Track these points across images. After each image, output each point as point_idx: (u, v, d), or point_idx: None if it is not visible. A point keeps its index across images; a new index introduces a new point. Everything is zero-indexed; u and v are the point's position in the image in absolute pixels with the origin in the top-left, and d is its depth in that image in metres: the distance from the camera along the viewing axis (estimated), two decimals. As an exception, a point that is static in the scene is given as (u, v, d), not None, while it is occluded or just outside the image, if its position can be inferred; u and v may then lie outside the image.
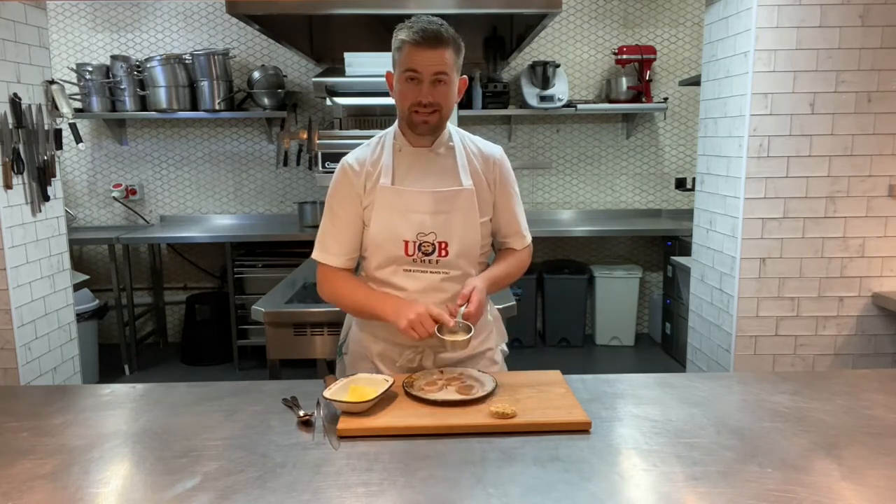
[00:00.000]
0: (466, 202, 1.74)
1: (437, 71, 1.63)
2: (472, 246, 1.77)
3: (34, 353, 2.97)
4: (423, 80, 1.63)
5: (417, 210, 1.72)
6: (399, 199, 1.73)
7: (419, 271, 1.76)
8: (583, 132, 5.18)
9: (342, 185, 1.77)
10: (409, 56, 1.63)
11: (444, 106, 1.68)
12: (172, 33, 4.99)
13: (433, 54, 1.62)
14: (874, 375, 1.81)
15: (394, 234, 1.73)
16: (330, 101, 3.57)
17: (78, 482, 1.25)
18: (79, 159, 5.11)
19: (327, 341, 2.48)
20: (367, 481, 1.23)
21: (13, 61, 2.84)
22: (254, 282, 4.62)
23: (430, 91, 1.64)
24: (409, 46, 1.63)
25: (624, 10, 5.03)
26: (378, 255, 1.77)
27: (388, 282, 1.78)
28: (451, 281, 1.76)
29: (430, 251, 1.74)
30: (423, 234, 1.73)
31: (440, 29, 1.63)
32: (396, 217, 1.72)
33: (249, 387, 1.72)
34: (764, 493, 1.18)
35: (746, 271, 2.87)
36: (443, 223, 1.73)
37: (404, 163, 1.76)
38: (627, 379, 1.75)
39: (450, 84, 1.66)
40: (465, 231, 1.74)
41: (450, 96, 1.68)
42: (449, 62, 1.64)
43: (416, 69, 1.63)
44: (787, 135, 2.77)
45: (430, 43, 1.61)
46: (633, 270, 5.04)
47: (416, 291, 1.75)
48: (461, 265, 1.77)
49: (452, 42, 1.64)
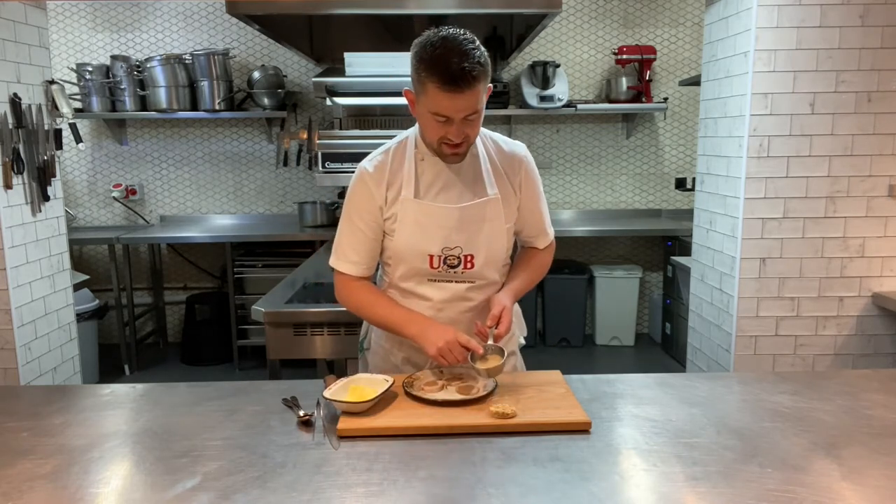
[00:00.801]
0: (493, 212, 1.70)
1: (468, 114, 1.53)
2: (499, 254, 1.75)
3: (34, 353, 2.97)
4: (454, 121, 1.54)
5: (443, 225, 1.67)
6: (423, 213, 1.67)
7: (444, 281, 1.73)
8: (583, 132, 5.18)
9: (361, 193, 1.70)
10: (435, 99, 1.51)
11: (474, 135, 1.61)
12: (172, 33, 4.99)
13: (463, 99, 1.49)
14: (874, 375, 1.81)
15: (419, 249, 1.69)
16: (330, 101, 3.58)
17: (78, 482, 1.25)
18: (79, 159, 5.12)
19: (327, 341, 2.48)
20: (367, 481, 1.23)
21: (13, 61, 2.84)
22: (254, 282, 4.62)
23: (460, 131, 1.55)
24: (434, 89, 1.49)
25: (624, 10, 5.03)
26: (402, 266, 1.74)
27: (413, 291, 1.75)
28: (477, 290, 1.75)
29: (455, 264, 1.71)
30: (448, 248, 1.69)
31: (470, 68, 1.46)
32: (421, 231, 1.68)
33: (249, 387, 1.72)
34: (764, 493, 1.18)
35: (746, 271, 2.87)
36: (469, 237, 1.69)
37: (428, 173, 1.69)
38: (627, 379, 1.75)
39: (478, 114, 1.56)
40: (491, 241, 1.71)
41: (479, 124, 1.60)
42: (479, 97, 1.52)
43: (444, 114, 1.53)
44: (787, 135, 2.77)
45: (461, 88, 1.47)
46: (633, 270, 5.03)
47: (441, 301, 1.74)
48: (486, 275, 1.75)
49: (483, 72, 1.50)
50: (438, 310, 1.74)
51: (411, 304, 1.76)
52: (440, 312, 1.74)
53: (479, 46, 1.52)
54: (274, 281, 3.03)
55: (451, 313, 1.75)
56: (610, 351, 5.07)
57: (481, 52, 1.51)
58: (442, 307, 1.74)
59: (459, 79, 1.46)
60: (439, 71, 1.47)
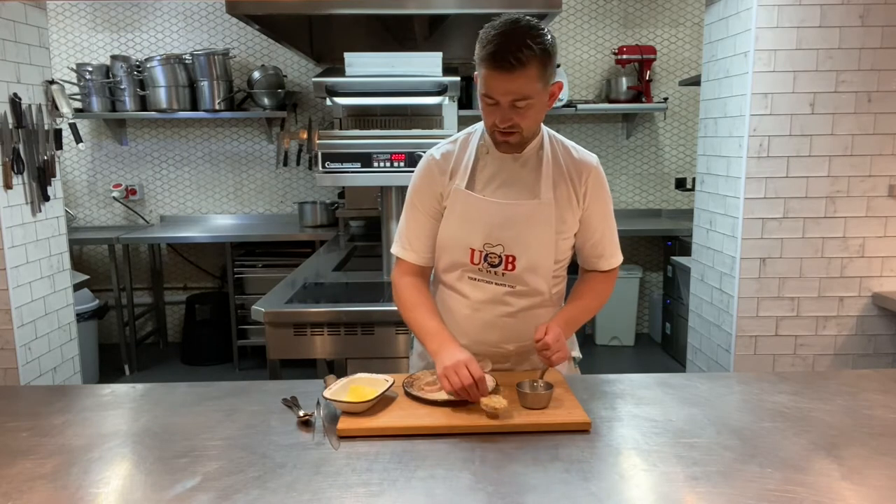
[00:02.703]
0: (542, 216, 1.64)
1: (514, 99, 1.48)
2: (544, 262, 1.68)
3: (34, 353, 2.97)
4: (502, 105, 1.50)
5: (486, 220, 1.64)
6: (470, 204, 1.65)
7: (484, 281, 1.70)
8: (583, 132, 5.18)
9: (425, 178, 1.69)
10: (485, 80, 1.49)
11: (526, 126, 1.55)
12: (172, 33, 4.99)
13: (509, 81, 1.45)
14: (874, 375, 1.81)
15: (461, 240, 1.67)
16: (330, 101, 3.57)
17: (78, 482, 1.25)
18: (79, 159, 5.11)
19: (327, 341, 2.48)
20: (367, 481, 1.23)
21: (13, 61, 2.84)
22: (254, 282, 4.62)
23: (507, 116, 1.51)
24: (484, 69, 1.47)
25: (624, 10, 5.03)
26: (445, 257, 1.72)
27: (453, 287, 1.73)
28: (517, 296, 1.70)
29: (496, 263, 1.67)
30: (490, 244, 1.65)
31: (520, 52, 1.42)
32: (466, 222, 1.65)
33: (249, 387, 1.72)
34: (764, 493, 1.18)
35: (746, 271, 2.87)
36: (512, 237, 1.64)
37: (489, 167, 1.67)
38: (627, 379, 1.75)
39: (532, 105, 1.51)
40: (536, 247, 1.66)
41: (532, 116, 1.54)
42: (530, 84, 1.47)
43: (491, 96, 1.50)
44: (787, 135, 2.77)
45: (508, 70, 1.44)
46: (633, 270, 5.03)
47: (479, 301, 1.70)
48: (529, 281, 1.69)
49: (536, 59, 1.45)
50: (475, 309, 1.71)
51: (450, 300, 1.74)
52: (477, 312, 1.71)
53: (542, 34, 1.47)
54: (274, 281, 3.03)
55: (488, 315, 1.71)
56: (610, 351, 5.07)
57: (542, 39, 1.46)
58: (479, 307, 1.71)
59: (504, 59, 1.43)
60: (489, 50, 1.45)
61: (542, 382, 1.55)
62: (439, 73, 3.36)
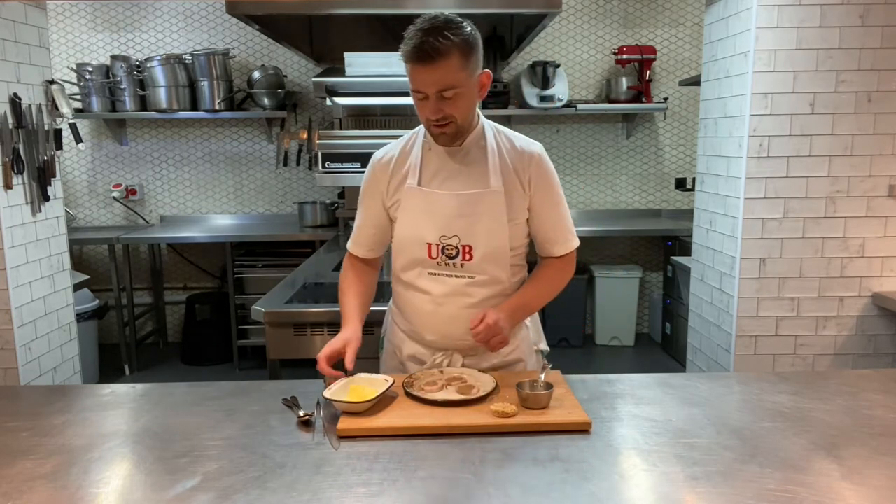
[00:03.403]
0: (493, 204, 1.67)
1: (441, 88, 1.53)
2: (500, 250, 1.71)
3: (34, 353, 2.97)
4: (430, 97, 1.56)
5: (441, 212, 1.68)
6: (423, 200, 1.69)
7: (444, 275, 1.73)
8: (583, 132, 5.18)
9: (369, 181, 1.80)
10: (411, 75, 1.56)
11: (458, 115, 1.60)
12: (172, 33, 4.99)
13: (432, 71, 1.51)
14: (874, 375, 1.81)
15: (417, 236, 1.71)
16: (330, 101, 3.57)
17: (78, 482, 1.25)
18: (79, 159, 5.12)
19: (327, 341, 2.46)
20: (367, 481, 1.23)
21: (13, 61, 2.84)
22: (254, 282, 4.61)
23: (437, 107, 1.56)
24: (408, 65, 1.54)
25: (624, 10, 5.03)
26: (403, 256, 1.76)
27: (414, 284, 1.76)
28: (478, 286, 1.72)
29: (453, 255, 1.70)
30: (445, 237, 1.69)
31: (438, 42, 1.48)
32: (420, 219, 1.70)
33: (249, 387, 1.72)
34: (764, 493, 1.18)
35: (746, 271, 2.87)
36: (467, 226, 1.68)
37: (433, 162, 1.71)
38: (627, 379, 1.75)
39: (460, 94, 1.56)
40: (491, 235, 1.69)
41: (462, 105, 1.59)
42: (453, 73, 1.52)
43: (418, 89, 1.56)
44: (787, 135, 2.77)
45: (427, 60, 1.50)
46: (633, 270, 5.03)
47: (441, 295, 1.73)
48: (487, 269, 1.72)
49: (456, 48, 1.51)
50: (439, 304, 1.74)
51: (412, 297, 1.77)
52: (440, 307, 1.74)
53: (461, 26, 1.54)
54: (274, 281, 3.03)
55: (451, 308, 1.73)
56: (610, 351, 5.07)
57: (461, 31, 1.53)
58: (442, 301, 1.73)
59: (424, 51, 1.50)
60: (410, 44, 1.52)
61: (542, 382, 1.55)
62: (439, 73, 3.37)
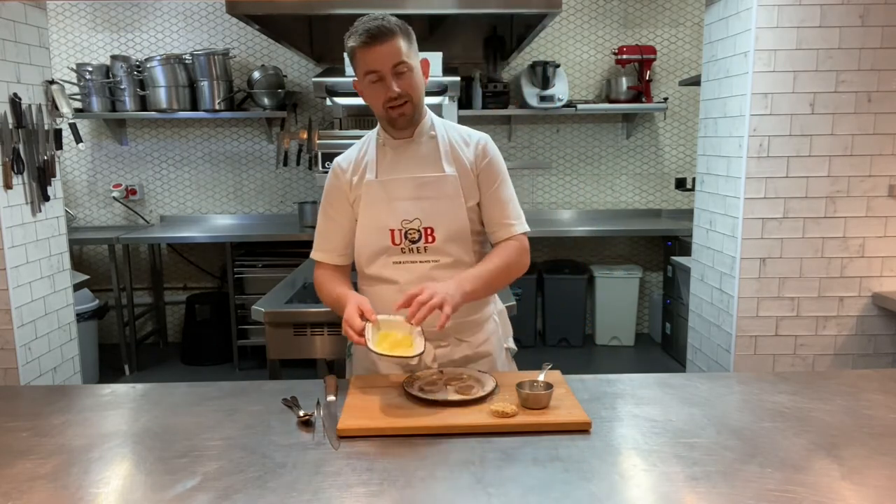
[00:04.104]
0: (450, 188, 1.74)
1: (395, 63, 1.63)
2: (462, 231, 1.75)
3: (34, 353, 2.97)
4: (386, 76, 1.64)
5: (399, 197, 1.74)
6: (382, 189, 1.75)
7: (408, 262, 1.75)
8: (583, 132, 5.18)
9: (331, 185, 1.84)
10: (363, 59, 1.65)
11: (413, 94, 1.69)
12: (172, 33, 4.99)
13: (385, 49, 1.63)
14: (874, 375, 1.81)
15: (379, 224, 1.75)
16: (330, 101, 3.57)
17: (78, 482, 1.25)
18: (79, 159, 5.12)
19: (327, 341, 2.48)
20: (367, 481, 1.23)
21: (13, 61, 2.84)
22: (254, 282, 4.62)
23: (394, 84, 1.65)
24: (360, 50, 1.64)
25: (624, 10, 5.03)
26: (367, 248, 1.78)
27: (379, 276, 1.78)
28: (443, 269, 1.74)
29: (416, 238, 1.74)
30: (407, 220, 1.74)
31: (382, 24, 1.63)
32: (381, 207, 1.75)
33: (249, 387, 1.72)
34: (764, 493, 1.18)
35: (746, 271, 2.87)
36: (427, 209, 1.73)
37: (388, 156, 1.78)
38: (627, 379, 1.75)
39: (412, 71, 1.67)
40: (451, 216, 1.74)
41: (415, 83, 1.69)
42: (403, 50, 1.65)
43: (374, 69, 1.64)
44: (787, 135, 2.77)
45: (379, 39, 1.62)
46: (633, 270, 5.03)
47: (407, 283, 1.73)
48: (452, 251, 1.75)
49: (400, 30, 1.65)
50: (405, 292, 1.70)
51: (379, 289, 1.78)
52: None
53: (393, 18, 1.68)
54: (274, 281, 3.03)
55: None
56: (610, 351, 5.07)
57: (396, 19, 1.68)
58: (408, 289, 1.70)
59: (377, 32, 1.62)
60: (358, 32, 1.64)
61: (542, 382, 1.56)
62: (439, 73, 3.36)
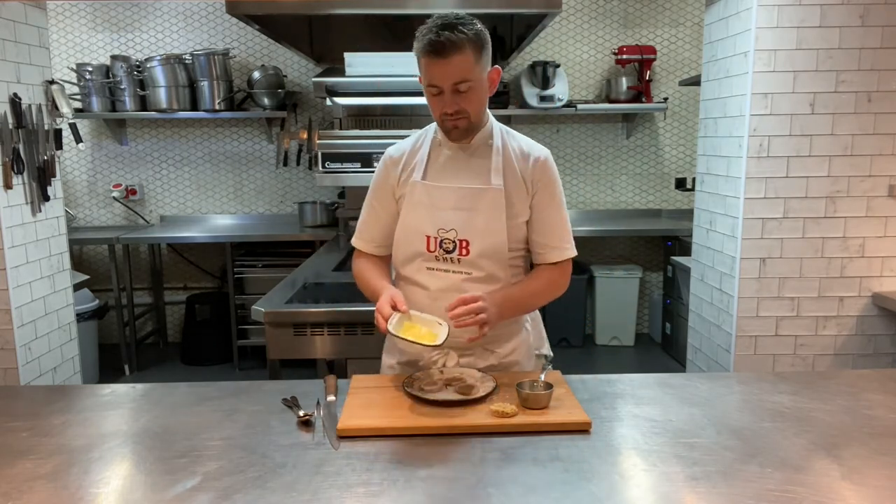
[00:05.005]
0: (493, 201, 1.70)
1: (456, 81, 1.59)
2: (498, 247, 1.72)
3: (34, 353, 2.97)
4: (445, 91, 1.60)
5: (440, 206, 1.71)
6: (425, 193, 1.73)
7: (441, 270, 1.74)
8: (583, 132, 5.18)
9: (380, 175, 1.82)
10: (426, 70, 1.60)
11: (472, 110, 1.65)
12: (172, 33, 4.99)
13: (448, 65, 1.57)
14: (874, 375, 1.81)
15: (417, 228, 1.74)
16: (330, 101, 3.57)
17: (78, 482, 1.25)
18: (79, 159, 5.11)
19: (327, 341, 2.47)
20: (367, 481, 1.23)
21: (13, 61, 2.84)
22: (254, 282, 4.61)
23: (452, 101, 1.61)
24: (423, 59, 1.59)
25: (624, 10, 5.03)
26: (403, 249, 1.78)
27: (412, 279, 1.78)
28: (475, 282, 1.72)
29: (450, 248, 1.72)
30: (444, 230, 1.72)
31: (452, 35, 1.55)
32: (421, 211, 1.73)
33: (249, 387, 1.72)
34: (764, 493, 1.18)
35: (746, 271, 2.87)
36: (464, 221, 1.70)
37: (440, 158, 1.76)
38: (627, 379, 1.75)
39: (474, 88, 1.61)
40: (488, 231, 1.70)
41: (476, 100, 1.64)
42: (467, 67, 1.58)
43: (434, 84, 1.61)
44: (787, 135, 2.77)
45: (443, 53, 1.55)
46: (633, 270, 5.03)
47: (438, 290, 1.73)
48: (485, 266, 1.72)
49: (469, 43, 1.57)
50: (434, 299, 1.73)
51: (411, 291, 1.77)
52: (436, 302, 1.73)
53: (472, 22, 1.60)
54: (274, 281, 3.03)
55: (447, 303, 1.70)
56: (610, 351, 5.07)
57: (473, 26, 1.59)
58: (438, 296, 1.73)
59: (442, 45, 1.55)
60: (425, 40, 1.57)
61: (542, 382, 1.56)
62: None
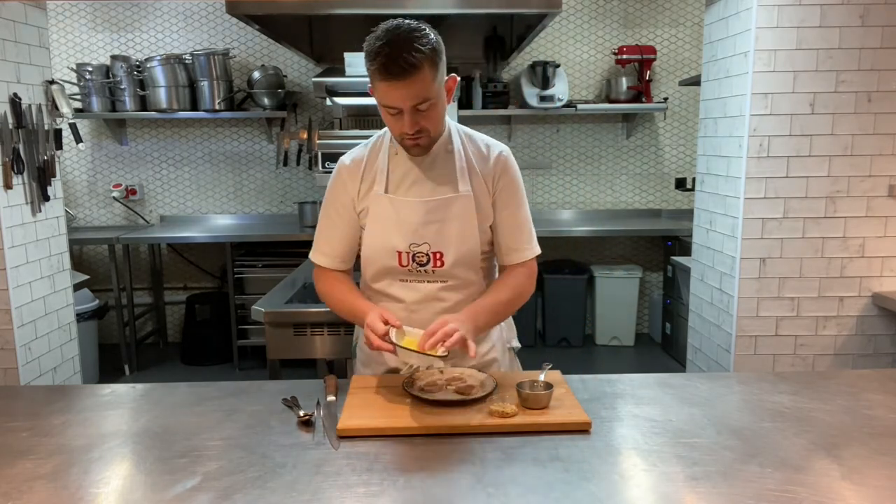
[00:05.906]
0: (462, 209, 1.65)
1: (415, 103, 1.50)
2: (471, 253, 1.68)
3: (34, 353, 2.97)
4: (404, 112, 1.51)
5: (409, 220, 1.65)
6: (391, 208, 1.66)
7: (416, 281, 1.70)
8: (583, 132, 5.18)
9: (336, 186, 1.73)
10: (382, 92, 1.51)
11: (433, 127, 1.58)
12: (172, 33, 4.99)
13: (406, 87, 1.47)
14: (874, 375, 1.81)
15: (387, 245, 1.68)
16: (330, 101, 3.58)
17: (78, 482, 1.25)
18: (79, 159, 5.12)
19: (327, 341, 2.48)
20: (367, 481, 1.23)
21: (13, 61, 2.84)
22: (254, 282, 4.62)
23: (412, 121, 1.53)
24: (378, 81, 1.49)
25: (624, 10, 5.03)
26: (373, 265, 1.72)
27: (385, 293, 1.73)
28: (450, 290, 1.70)
29: (424, 262, 1.67)
30: (415, 244, 1.66)
31: (410, 57, 1.44)
32: (389, 227, 1.66)
33: (249, 387, 1.72)
34: (764, 493, 1.18)
35: (746, 271, 2.87)
36: (436, 233, 1.65)
37: (400, 168, 1.68)
38: (627, 379, 1.75)
39: (434, 104, 1.53)
40: (461, 240, 1.66)
41: (436, 116, 1.57)
42: (426, 86, 1.48)
43: (392, 105, 1.52)
44: (787, 135, 2.77)
45: (401, 76, 1.45)
46: (633, 270, 5.03)
47: (413, 302, 1.71)
48: (459, 274, 1.69)
49: (427, 60, 1.46)
50: (412, 311, 1.71)
51: (385, 305, 1.72)
52: (413, 314, 1.70)
53: (426, 34, 1.49)
54: (274, 281, 3.03)
55: (425, 315, 1.69)
56: (610, 351, 5.07)
57: (428, 39, 1.49)
58: (415, 308, 1.71)
59: (399, 68, 1.44)
60: (379, 61, 1.46)
61: (542, 382, 1.56)
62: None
